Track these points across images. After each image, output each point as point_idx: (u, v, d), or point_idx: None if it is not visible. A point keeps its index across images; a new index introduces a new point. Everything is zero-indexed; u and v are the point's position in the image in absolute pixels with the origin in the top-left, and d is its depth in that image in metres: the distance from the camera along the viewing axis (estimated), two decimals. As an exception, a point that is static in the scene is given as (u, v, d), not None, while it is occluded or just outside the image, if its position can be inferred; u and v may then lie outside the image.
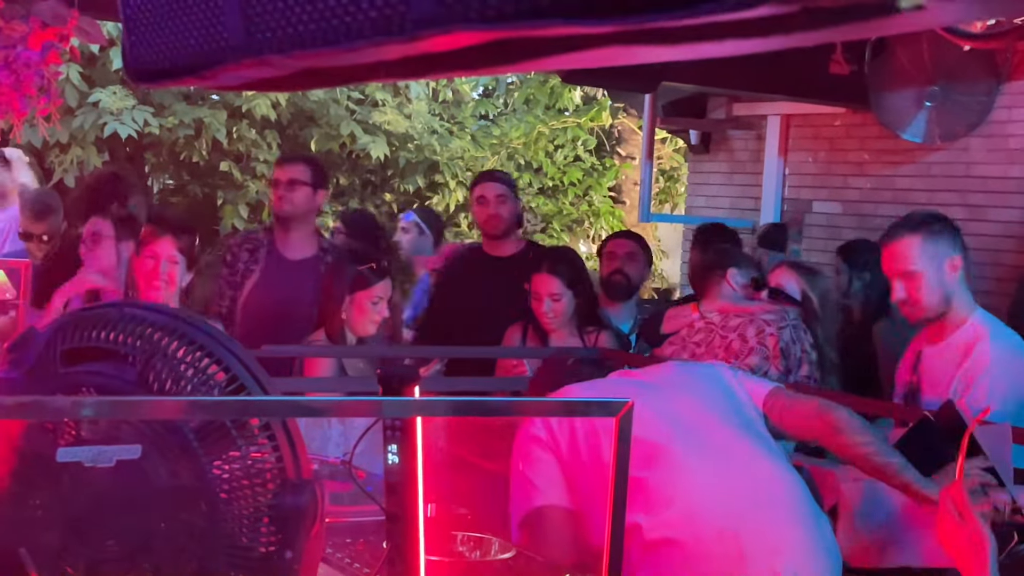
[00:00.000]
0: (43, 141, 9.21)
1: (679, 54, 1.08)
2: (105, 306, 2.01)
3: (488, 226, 5.71)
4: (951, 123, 6.57)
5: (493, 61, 1.17)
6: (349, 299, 4.66)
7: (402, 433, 2.01)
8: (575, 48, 1.08)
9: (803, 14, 0.82)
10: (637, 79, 6.24)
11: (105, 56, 10.26)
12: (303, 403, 1.97)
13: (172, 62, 1.61)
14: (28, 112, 3.80)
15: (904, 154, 6.98)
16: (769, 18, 0.83)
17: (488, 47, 1.10)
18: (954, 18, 1.30)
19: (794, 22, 0.86)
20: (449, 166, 12.97)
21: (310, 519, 1.88)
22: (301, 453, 1.92)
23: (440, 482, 2.55)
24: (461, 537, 3.00)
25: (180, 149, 11.47)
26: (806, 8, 0.79)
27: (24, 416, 1.69)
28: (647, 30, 0.90)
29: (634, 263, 5.67)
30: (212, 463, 1.84)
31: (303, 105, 11.98)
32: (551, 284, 4.81)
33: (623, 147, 14.35)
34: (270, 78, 1.57)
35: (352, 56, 1.23)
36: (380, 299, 4.68)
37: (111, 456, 1.77)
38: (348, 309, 4.66)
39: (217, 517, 1.84)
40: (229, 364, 1.92)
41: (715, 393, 3.25)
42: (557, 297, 4.82)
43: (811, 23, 0.87)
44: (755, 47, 1.03)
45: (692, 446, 3.05)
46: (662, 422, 3.07)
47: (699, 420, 3.13)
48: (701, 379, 3.35)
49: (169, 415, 1.76)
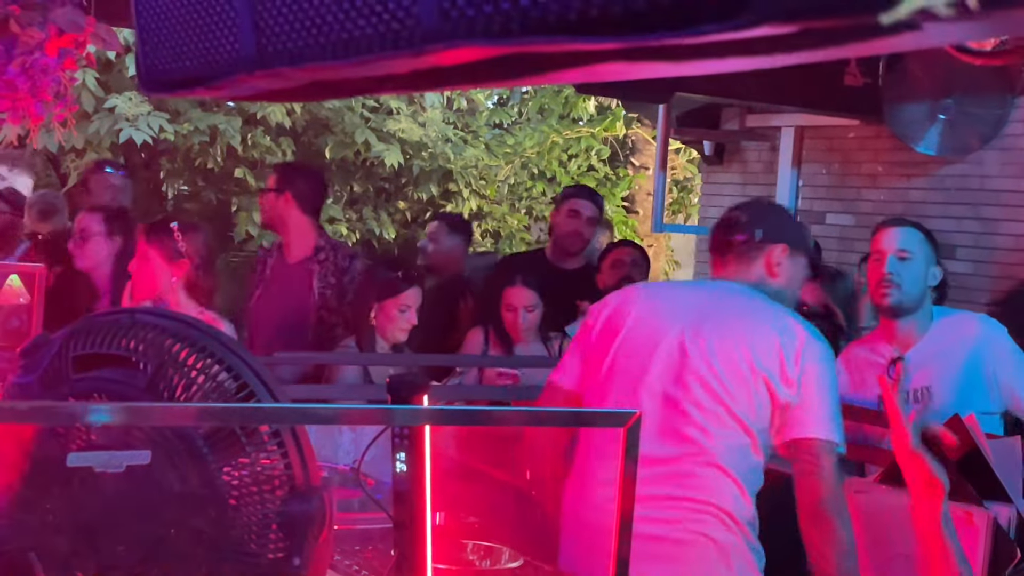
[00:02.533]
0: (59, 146, 9.25)
1: (683, 70, 1.09)
2: (117, 312, 2.02)
3: (568, 241, 5.86)
4: (965, 136, 6.55)
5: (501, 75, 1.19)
6: (377, 306, 4.67)
7: (411, 441, 2.02)
8: (580, 63, 1.09)
9: (804, 34, 0.83)
10: (651, 90, 6.25)
11: (121, 62, 10.30)
12: (312, 410, 1.97)
13: (184, 73, 1.63)
14: (45, 117, 3.82)
15: (918, 167, 6.96)
16: (771, 37, 0.84)
17: (496, 61, 1.11)
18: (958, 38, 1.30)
19: (796, 41, 0.87)
20: (463, 175, 12.98)
21: (318, 526, 1.89)
22: (310, 460, 1.92)
23: (449, 490, 2.56)
24: (470, 546, 3.01)
25: (195, 155, 11.51)
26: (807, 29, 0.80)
27: (35, 421, 1.70)
28: (650, 47, 0.92)
29: (639, 270, 5.72)
30: (221, 469, 1.85)
31: (318, 113, 12.01)
32: (527, 297, 4.98)
33: (637, 157, 14.34)
34: (281, 89, 1.58)
35: (362, 69, 1.24)
36: (408, 307, 4.67)
37: (121, 462, 1.78)
38: (376, 316, 4.67)
39: (226, 523, 1.85)
40: (239, 371, 1.93)
41: (734, 360, 3.13)
42: (531, 308, 5.02)
43: (813, 42, 0.88)
44: (759, 63, 1.04)
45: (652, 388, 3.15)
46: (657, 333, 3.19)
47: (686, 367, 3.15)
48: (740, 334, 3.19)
49: (179, 421, 1.77)
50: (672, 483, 3.08)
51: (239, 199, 11.94)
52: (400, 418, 1.95)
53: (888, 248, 3.94)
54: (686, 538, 3.07)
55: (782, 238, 3.34)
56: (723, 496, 3.09)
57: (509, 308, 4.99)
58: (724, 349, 3.12)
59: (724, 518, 3.08)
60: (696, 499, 3.08)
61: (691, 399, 3.10)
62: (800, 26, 0.80)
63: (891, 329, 4.00)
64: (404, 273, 4.76)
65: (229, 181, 11.97)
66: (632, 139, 14.16)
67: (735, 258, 3.34)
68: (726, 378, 3.09)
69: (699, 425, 3.09)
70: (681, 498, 3.07)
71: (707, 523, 3.08)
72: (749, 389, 3.09)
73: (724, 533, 3.08)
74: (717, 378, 3.10)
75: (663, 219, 7.84)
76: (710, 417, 3.09)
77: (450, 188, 13.06)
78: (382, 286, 4.67)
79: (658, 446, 3.06)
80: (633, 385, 3.17)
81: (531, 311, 4.99)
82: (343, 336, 4.94)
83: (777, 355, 3.08)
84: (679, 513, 3.07)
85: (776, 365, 3.08)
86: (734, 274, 3.33)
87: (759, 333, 3.13)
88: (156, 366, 1.89)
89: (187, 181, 12.52)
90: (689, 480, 3.08)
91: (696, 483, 3.08)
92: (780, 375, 3.07)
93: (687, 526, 3.07)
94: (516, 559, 2.96)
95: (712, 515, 3.08)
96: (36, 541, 1.82)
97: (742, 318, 3.19)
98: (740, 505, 3.11)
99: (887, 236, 3.97)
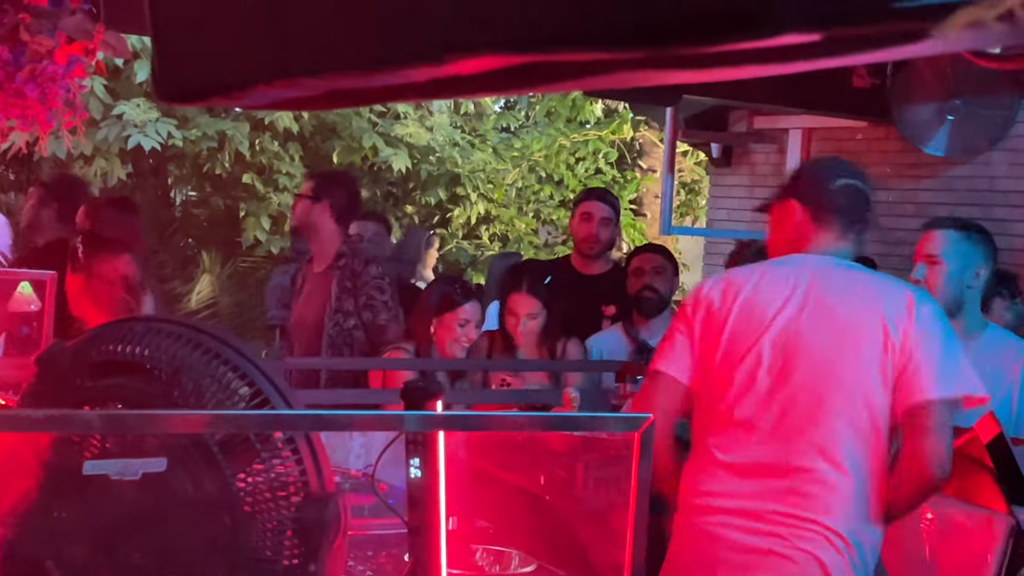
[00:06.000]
0: (67, 153, 9.26)
1: (701, 77, 1.09)
2: (132, 320, 2.03)
3: (585, 244, 5.84)
4: (973, 137, 6.54)
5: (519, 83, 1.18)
6: (437, 320, 4.68)
7: (424, 447, 2.02)
8: (600, 71, 1.09)
9: (826, 41, 0.84)
10: (659, 92, 6.24)
11: (129, 69, 10.30)
12: (326, 417, 1.98)
13: (202, 82, 1.63)
14: (54, 125, 3.82)
15: (926, 168, 6.95)
16: (792, 45, 0.84)
17: (514, 69, 1.11)
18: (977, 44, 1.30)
19: (816, 48, 0.87)
20: (470, 178, 12.98)
21: (333, 532, 1.89)
22: (324, 466, 1.93)
23: (461, 495, 2.56)
24: (480, 551, 3.01)
25: (203, 161, 11.51)
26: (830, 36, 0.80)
27: (52, 429, 1.71)
28: (671, 56, 0.92)
29: (662, 276, 5.64)
30: (236, 476, 1.86)
31: (325, 118, 12.01)
32: (530, 304, 4.92)
33: (644, 160, 14.32)
34: (298, 98, 1.58)
35: (379, 79, 1.25)
36: (468, 321, 4.68)
37: (137, 469, 1.79)
38: (436, 330, 4.67)
39: (241, 530, 1.85)
40: (253, 377, 1.93)
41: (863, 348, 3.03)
42: (534, 316, 4.93)
43: (833, 49, 0.88)
44: (777, 70, 1.04)
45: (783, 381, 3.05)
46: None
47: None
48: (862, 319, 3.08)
49: (194, 429, 1.78)
50: (782, 496, 3.01)
51: (247, 204, 11.94)
52: (413, 424, 1.95)
53: (919, 252, 3.94)
54: (792, 555, 2.98)
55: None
56: (835, 513, 2.99)
57: (511, 313, 4.97)
58: (840, 326, 3.04)
59: (832, 537, 2.98)
60: (806, 518, 2.98)
61: (810, 394, 3.02)
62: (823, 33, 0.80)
63: None
64: (461, 287, 4.77)
65: (237, 187, 11.97)
66: (640, 142, 14.15)
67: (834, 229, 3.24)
68: (848, 358, 3.01)
69: (825, 426, 3.00)
70: (791, 515, 2.99)
71: (814, 541, 2.98)
72: (872, 364, 3.00)
73: (832, 554, 2.97)
74: (836, 362, 3.02)
75: (671, 222, 7.82)
76: (834, 415, 3.00)
77: (457, 192, 13.05)
78: (441, 300, 4.69)
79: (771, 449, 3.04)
80: (749, 382, 3.08)
81: (533, 318, 4.95)
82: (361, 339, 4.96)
83: (895, 319, 3.00)
84: (785, 530, 2.99)
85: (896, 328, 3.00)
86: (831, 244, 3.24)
87: (886, 298, 3.07)
88: (171, 373, 1.90)
89: (195, 187, 12.52)
90: (799, 495, 3.00)
91: (808, 501, 3.00)
92: (898, 336, 2.99)
93: (794, 542, 2.98)
94: (529, 563, 2.96)
95: (820, 534, 2.98)
96: (53, 549, 1.82)
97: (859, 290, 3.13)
98: (857, 524, 3.00)
99: (922, 239, 3.97)
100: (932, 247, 3.91)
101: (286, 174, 11.72)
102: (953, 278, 3.88)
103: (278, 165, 11.80)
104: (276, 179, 11.83)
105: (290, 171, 11.72)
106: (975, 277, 3.89)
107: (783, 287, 3.13)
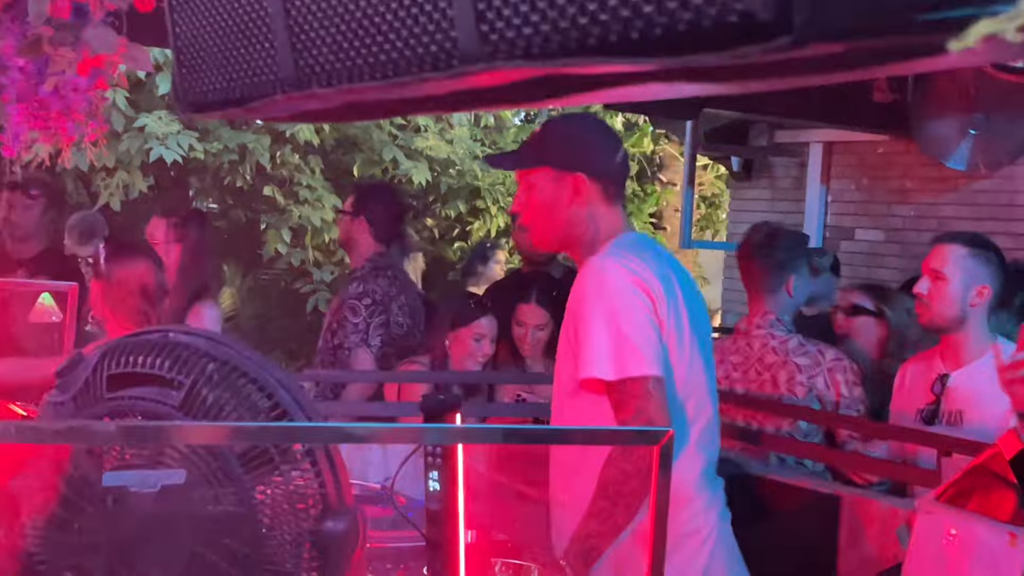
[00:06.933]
0: (89, 165, 9.30)
1: (721, 90, 1.09)
2: (151, 331, 2.03)
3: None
4: (995, 151, 6.52)
5: (538, 95, 1.18)
6: (452, 335, 4.66)
7: (443, 460, 2.02)
8: (619, 84, 1.09)
9: (848, 54, 0.83)
10: (679, 106, 6.26)
11: (151, 81, 10.35)
12: (346, 429, 1.97)
13: (221, 94, 1.64)
14: (76, 137, 3.84)
15: (948, 182, 6.93)
16: (814, 57, 0.84)
17: (532, 82, 1.11)
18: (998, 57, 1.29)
19: (837, 61, 0.87)
20: (490, 191, 12.99)
21: (351, 545, 1.89)
22: (343, 479, 1.92)
23: (480, 508, 2.55)
24: (501, 564, 3.00)
25: (224, 174, 11.55)
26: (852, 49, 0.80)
27: (71, 440, 1.71)
28: (690, 69, 0.92)
29: None
30: (255, 489, 1.86)
31: (346, 131, 12.04)
32: (538, 316, 4.89)
33: (664, 173, 14.33)
34: (316, 110, 1.58)
35: (399, 91, 1.25)
36: (483, 336, 4.66)
37: (156, 481, 1.79)
38: (451, 344, 4.65)
39: (260, 543, 1.85)
40: (273, 390, 1.93)
41: None
42: (542, 327, 4.91)
43: (854, 62, 0.88)
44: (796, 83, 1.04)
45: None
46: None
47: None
48: None
49: (213, 440, 1.78)
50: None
51: (268, 217, 11.98)
52: (433, 437, 1.95)
53: (925, 265, 3.96)
54: None
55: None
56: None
57: (519, 323, 4.95)
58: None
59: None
60: None
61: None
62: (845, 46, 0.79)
63: (942, 345, 4.01)
64: (476, 302, 4.75)
65: (258, 199, 12.00)
66: (660, 155, 14.16)
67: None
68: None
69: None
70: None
71: None
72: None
73: None
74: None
75: (691, 235, 7.82)
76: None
77: (477, 205, 13.07)
78: (456, 314, 4.67)
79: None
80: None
81: (541, 330, 4.91)
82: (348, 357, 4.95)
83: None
84: None
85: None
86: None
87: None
88: (190, 384, 1.90)
89: (216, 199, 12.56)
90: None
91: None
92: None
93: None
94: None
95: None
96: (73, 560, 1.82)
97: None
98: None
99: (930, 253, 3.98)
100: (937, 262, 3.92)
101: (307, 187, 11.74)
102: (954, 295, 3.87)
103: (299, 178, 11.83)
104: (297, 192, 11.86)
105: (311, 184, 11.74)
106: (977, 296, 3.87)
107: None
